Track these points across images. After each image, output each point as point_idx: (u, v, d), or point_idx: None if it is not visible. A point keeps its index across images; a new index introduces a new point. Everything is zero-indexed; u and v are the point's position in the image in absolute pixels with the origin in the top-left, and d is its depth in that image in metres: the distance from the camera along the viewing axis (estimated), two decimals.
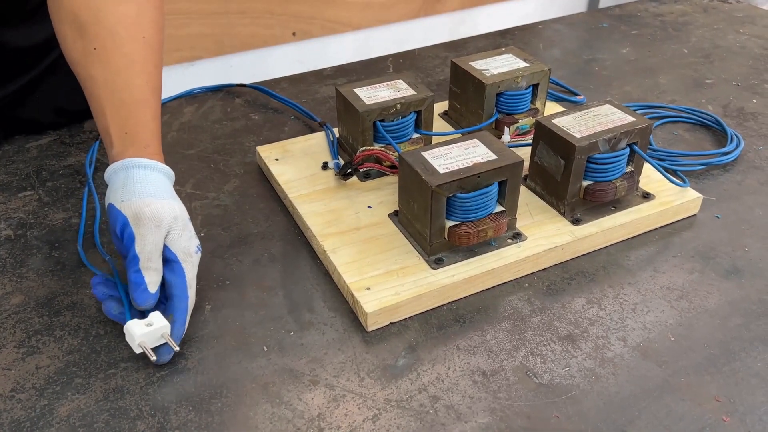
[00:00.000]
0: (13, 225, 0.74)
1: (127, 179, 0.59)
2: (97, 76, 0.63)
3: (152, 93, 0.65)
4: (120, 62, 0.63)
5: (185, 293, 0.57)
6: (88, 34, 0.63)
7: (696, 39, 1.16)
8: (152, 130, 0.64)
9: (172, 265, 0.58)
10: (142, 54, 0.64)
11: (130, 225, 0.57)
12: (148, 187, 0.59)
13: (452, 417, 0.53)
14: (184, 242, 0.59)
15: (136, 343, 0.55)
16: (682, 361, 0.58)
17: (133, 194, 0.58)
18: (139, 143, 0.62)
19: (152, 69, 0.65)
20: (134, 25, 0.65)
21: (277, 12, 1.88)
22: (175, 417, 0.53)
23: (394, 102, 0.75)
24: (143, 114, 0.63)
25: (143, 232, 0.56)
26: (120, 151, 0.62)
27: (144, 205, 0.57)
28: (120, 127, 0.62)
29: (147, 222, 0.57)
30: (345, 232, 0.69)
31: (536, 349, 0.59)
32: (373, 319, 0.60)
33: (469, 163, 0.63)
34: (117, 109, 0.62)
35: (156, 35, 0.66)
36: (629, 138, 0.68)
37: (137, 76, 0.64)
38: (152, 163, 0.61)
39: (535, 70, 0.80)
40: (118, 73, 0.63)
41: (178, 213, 0.59)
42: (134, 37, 0.64)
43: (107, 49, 0.63)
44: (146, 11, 0.66)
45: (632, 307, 0.63)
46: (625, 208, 0.71)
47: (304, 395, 0.55)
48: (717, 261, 0.68)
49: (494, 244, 0.66)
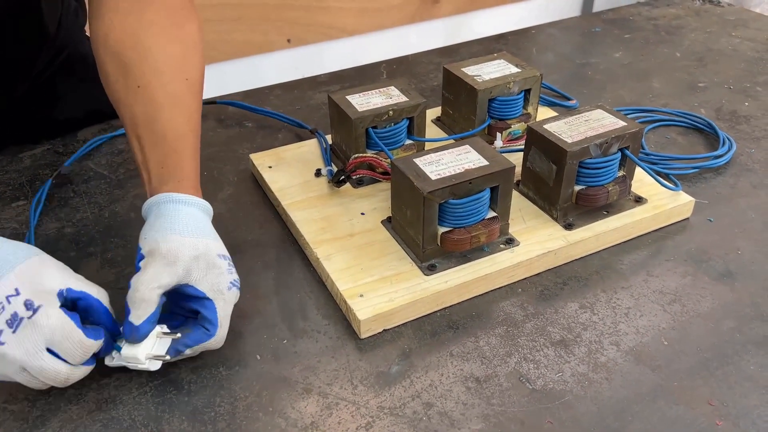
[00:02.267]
0: (6, 234, 0.74)
1: (157, 215, 0.58)
2: (139, 113, 0.62)
3: (192, 132, 0.64)
4: (163, 100, 0.63)
5: (214, 330, 0.55)
6: (133, 74, 0.63)
7: (689, 42, 1.17)
8: (191, 165, 0.63)
9: (204, 302, 0.56)
10: (184, 94, 0.64)
11: (142, 261, 0.56)
12: (175, 223, 0.57)
13: (446, 424, 0.53)
14: (212, 279, 0.56)
15: (143, 359, 0.53)
16: (675, 365, 0.58)
17: (155, 231, 0.57)
18: (175, 178, 0.61)
19: (193, 110, 0.65)
20: (179, 66, 0.65)
21: (272, 18, 1.88)
22: (168, 427, 0.53)
23: (387, 109, 0.75)
24: (182, 150, 0.63)
25: (146, 265, 0.55)
26: (156, 187, 0.61)
27: (162, 240, 0.56)
28: (158, 162, 0.61)
29: (159, 258, 0.55)
30: (338, 239, 0.69)
31: (529, 354, 0.59)
32: (366, 326, 0.60)
33: (460, 169, 0.63)
34: (156, 144, 0.62)
35: (198, 78, 0.67)
36: (621, 143, 0.68)
37: (179, 114, 0.63)
38: (186, 198, 0.60)
39: (527, 75, 0.81)
40: (159, 110, 0.62)
41: (201, 252, 0.56)
42: (178, 78, 0.64)
43: (151, 87, 0.63)
44: (191, 55, 0.66)
45: (625, 311, 0.63)
46: (618, 212, 0.71)
47: (298, 403, 0.55)
48: (710, 264, 0.68)
49: (487, 250, 0.66)
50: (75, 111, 0.93)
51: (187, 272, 0.56)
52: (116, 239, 0.73)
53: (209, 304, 0.56)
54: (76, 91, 0.92)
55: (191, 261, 0.56)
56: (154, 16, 0.65)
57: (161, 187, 0.61)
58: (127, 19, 0.65)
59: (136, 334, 0.53)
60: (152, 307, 0.54)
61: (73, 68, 0.90)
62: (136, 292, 0.53)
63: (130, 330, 0.53)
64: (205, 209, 0.62)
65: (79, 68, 0.92)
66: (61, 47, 0.88)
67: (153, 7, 0.65)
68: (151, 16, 0.65)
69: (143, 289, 0.53)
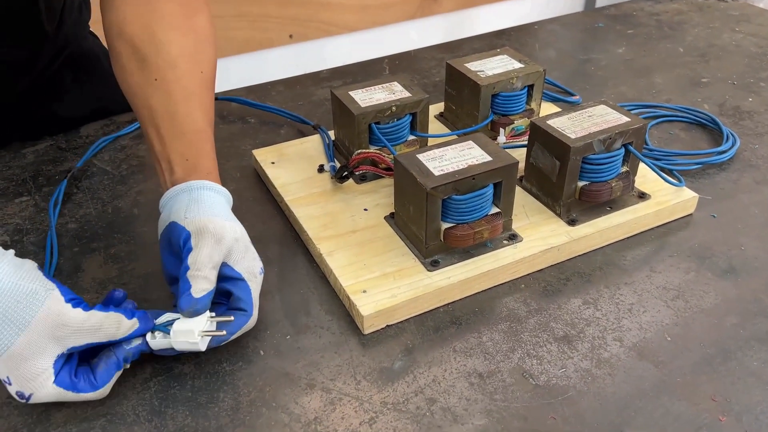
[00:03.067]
0: (9, 231, 0.74)
1: (191, 200, 0.59)
2: (157, 107, 0.63)
3: (208, 125, 0.66)
4: (180, 94, 0.64)
5: (251, 310, 0.57)
6: (149, 66, 0.64)
7: (692, 38, 1.17)
8: (212, 158, 0.64)
9: (239, 283, 0.57)
10: (199, 88, 0.65)
11: (191, 239, 0.56)
12: (213, 207, 0.59)
13: (449, 419, 0.53)
14: (248, 263, 0.58)
15: (195, 334, 0.53)
16: (679, 360, 0.58)
17: (198, 212, 0.58)
18: (201, 169, 0.62)
19: (208, 103, 0.66)
20: (193, 59, 0.66)
21: (274, 15, 1.88)
22: (171, 422, 0.53)
23: (390, 104, 0.75)
24: (203, 143, 0.64)
25: (201, 244, 0.56)
26: (182, 176, 0.61)
27: (208, 222, 0.57)
28: (181, 154, 0.62)
29: (208, 236, 0.56)
30: (341, 235, 0.69)
31: (533, 350, 0.59)
32: (369, 322, 0.60)
33: (464, 165, 0.63)
34: (178, 137, 0.63)
35: (211, 72, 0.68)
36: (624, 138, 0.68)
37: (196, 109, 0.64)
38: (216, 186, 0.61)
39: (530, 71, 0.80)
40: (178, 104, 0.63)
41: (239, 235, 0.58)
42: (193, 72, 0.65)
43: (168, 81, 0.64)
44: (204, 47, 0.67)
45: (628, 307, 0.63)
46: (621, 208, 0.71)
47: (301, 399, 0.55)
48: (713, 260, 0.68)
49: (490, 246, 0.66)
50: (78, 108, 0.93)
51: (229, 253, 0.57)
52: (119, 235, 0.73)
53: (244, 285, 0.57)
54: (79, 88, 0.92)
55: (233, 242, 0.57)
56: (166, 5, 0.66)
57: (189, 175, 0.62)
58: (139, 10, 0.65)
59: (197, 305, 0.54)
60: (212, 284, 0.55)
61: (77, 65, 0.90)
62: (198, 271, 0.54)
63: (191, 302, 0.53)
64: (229, 200, 0.63)
65: (82, 65, 0.92)
66: (63, 44, 0.88)
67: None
68: (163, 6, 0.66)
69: (204, 267, 0.54)
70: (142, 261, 0.69)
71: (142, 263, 0.69)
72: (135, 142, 0.90)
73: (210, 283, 0.55)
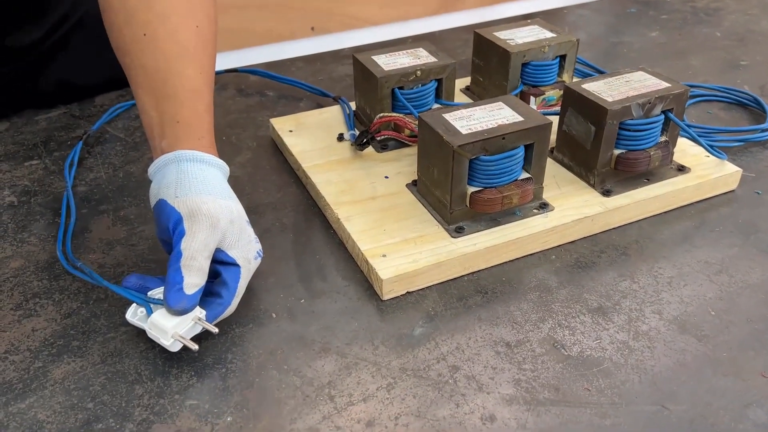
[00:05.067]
0: (17, 192, 0.71)
1: (180, 174, 0.54)
2: (147, 65, 0.58)
3: (205, 85, 0.60)
4: (172, 49, 0.58)
5: (229, 299, 0.52)
6: (138, 21, 0.58)
7: (728, 23, 1.12)
8: (207, 121, 0.59)
9: (230, 268, 0.52)
10: (194, 43, 0.60)
11: (182, 223, 0.51)
12: (206, 184, 0.54)
13: (473, 387, 0.49)
14: (243, 247, 0.53)
15: (168, 336, 0.48)
16: (724, 335, 0.53)
17: (189, 191, 0.53)
18: (192, 134, 0.57)
19: (206, 60, 0.61)
20: (187, 13, 0.60)
21: (297, 6, 1.86)
22: (175, 382, 0.50)
23: (414, 69, 0.71)
24: (197, 105, 0.58)
25: (195, 229, 0.51)
26: (171, 143, 0.56)
27: (201, 203, 0.52)
28: (171, 116, 0.57)
29: (202, 219, 0.51)
30: (360, 201, 0.65)
31: (564, 321, 0.55)
32: (388, 287, 0.56)
33: (493, 124, 0.59)
34: (168, 98, 0.57)
35: (209, 26, 0.62)
36: (664, 104, 0.64)
37: (189, 66, 0.59)
38: (208, 157, 0.56)
39: (563, 40, 0.77)
40: (169, 61, 0.58)
41: (234, 216, 0.54)
42: (187, 26, 0.60)
43: (158, 37, 0.58)
44: (199, 1, 0.61)
45: (668, 280, 0.59)
46: (660, 180, 0.67)
47: (314, 362, 0.51)
48: (759, 236, 0.64)
49: (519, 214, 0.62)
50: (92, 76, 0.91)
51: (223, 236, 0.52)
52: (129, 198, 0.70)
53: (235, 270, 0.52)
54: (93, 54, 0.90)
55: (228, 225, 0.53)
56: None
57: (178, 143, 0.56)
58: None
59: (186, 303, 0.49)
60: (204, 277, 0.50)
61: (91, 28, 0.88)
62: (193, 260, 0.49)
63: (179, 299, 0.48)
64: (224, 171, 0.58)
65: (97, 29, 0.89)
66: (73, 6, 0.85)
67: None
68: None
69: (199, 256, 0.50)
70: (151, 224, 0.66)
71: (152, 226, 0.66)
72: None
73: (203, 276, 0.50)
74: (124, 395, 0.49)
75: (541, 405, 0.48)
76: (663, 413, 0.47)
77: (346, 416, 0.47)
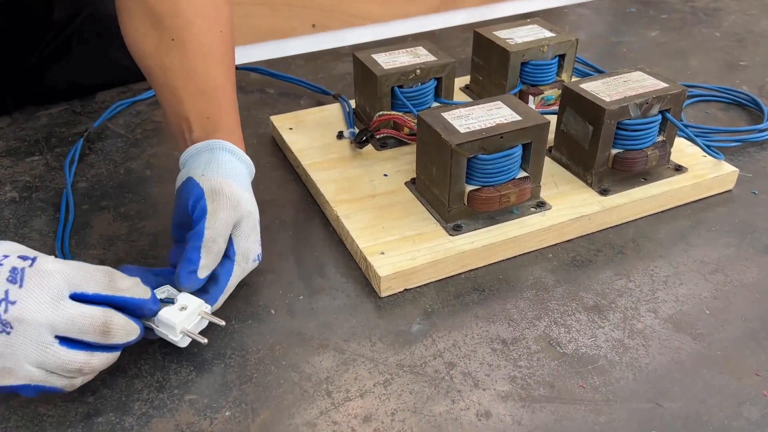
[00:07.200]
0: (18, 187, 0.72)
1: (212, 159, 0.55)
2: (174, 66, 0.60)
3: (230, 85, 0.62)
4: (198, 52, 0.60)
5: (217, 296, 0.51)
6: (165, 26, 0.61)
7: (728, 24, 1.12)
8: (235, 118, 0.61)
9: (226, 263, 0.52)
10: (219, 46, 0.62)
11: (204, 199, 0.52)
12: (233, 171, 0.55)
13: (469, 384, 0.49)
14: (249, 244, 0.54)
15: (177, 332, 0.48)
16: (719, 334, 0.54)
17: (216, 173, 0.54)
18: (223, 128, 0.59)
19: (229, 63, 0.63)
20: (211, 18, 0.63)
21: (297, 4, 1.86)
22: (175, 377, 0.50)
23: (414, 67, 0.72)
24: (224, 101, 0.61)
25: (217, 208, 0.51)
26: (203, 135, 0.58)
27: (225, 184, 0.53)
28: (201, 113, 0.59)
29: (224, 200, 0.52)
30: (359, 199, 0.66)
31: (560, 318, 0.55)
32: (386, 284, 0.57)
33: (491, 123, 0.60)
34: (197, 96, 0.59)
35: (230, 32, 0.65)
36: (662, 104, 0.64)
37: (215, 66, 0.61)
38: (239, 152, 0.58)
39: (562, 39, 0.77)
40: (196, 62, 0.60)
41: (252, 210, 0.54)
42: (212, 30, 0.62)
43: (185, 40, 0.60)
44: (221, 7, 0.64)
45: (663, 279, 0.59)
46: (657, 180, 0.67)
47: (312, 358, 0.52)
48: (755, 236, 0.64)
49: (516, 213, 0.63)
50: (96, 75, 0.91)
51: (238, 223, 0.53)
52: (130, 194, 0.71)
53: (230, 266, 0.53)
54: (98, 53, 0.90)
55: (246, 214, 0.53)
56: None
57: (210, 134, 0.58)
58: None
59: (196, 286, 0.50)
60: (218, 260, 0.51)
61: (96, 28, 0.88)
62: (214, 243, 0.50)
63: (191, 280, 0.49)
64: (250, 170, 0.59)
65: (102, 28, 0.90)
66: (80, 4, 0.85)
67: None
68: None
69: (220, 239, 0.51)
70: (152, 220, 0.67)
71: (153, 222, 0.66)
72: (151, 108, 0.87)
73: (217, 260, 0.51)
74: (123, 389, 0.49)
75: (536, 402, 0.48)
76: (657, 410, 0.47)
77: (343, 411, 0.47)
